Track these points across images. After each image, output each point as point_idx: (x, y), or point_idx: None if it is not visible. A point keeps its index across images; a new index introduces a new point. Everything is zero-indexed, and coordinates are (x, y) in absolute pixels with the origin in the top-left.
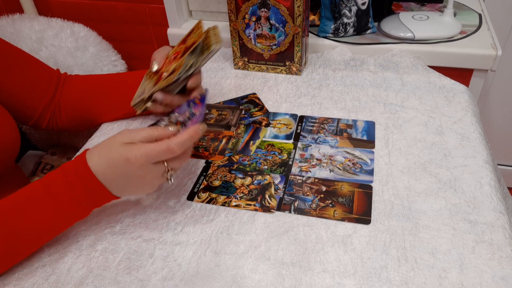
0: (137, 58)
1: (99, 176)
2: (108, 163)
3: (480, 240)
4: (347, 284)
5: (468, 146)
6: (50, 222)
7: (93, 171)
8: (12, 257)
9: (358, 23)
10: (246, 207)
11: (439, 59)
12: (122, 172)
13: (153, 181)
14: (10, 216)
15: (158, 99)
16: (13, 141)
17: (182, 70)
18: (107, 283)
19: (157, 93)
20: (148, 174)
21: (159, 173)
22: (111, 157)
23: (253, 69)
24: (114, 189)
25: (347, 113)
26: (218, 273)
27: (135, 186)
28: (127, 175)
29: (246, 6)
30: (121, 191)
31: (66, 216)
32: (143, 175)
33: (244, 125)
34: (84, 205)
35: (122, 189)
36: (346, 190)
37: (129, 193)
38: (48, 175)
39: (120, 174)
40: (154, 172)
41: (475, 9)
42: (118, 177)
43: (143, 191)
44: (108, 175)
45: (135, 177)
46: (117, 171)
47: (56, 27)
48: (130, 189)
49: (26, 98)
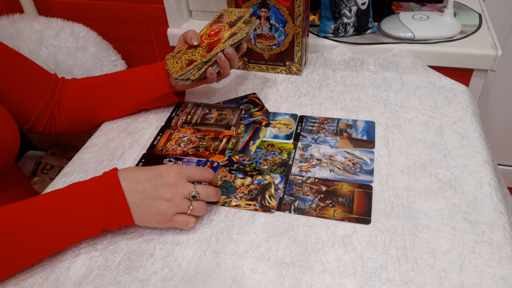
0: (137, 58)
1: (127, 193)
2: (138, 176)
3: (480, 240)
4: (347, 284)
5: (468, 146)
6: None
7: (122, 185)
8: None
9: (358, 23)
10: (246, 207)
11: (439, 59)
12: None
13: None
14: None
15: (229, 51)
16: (12, 141)
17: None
18: (107, 283)
19: (228, 47)
20: (176, 187)
21: (185, 190)
22: (144, 170)
23: (253, 69)
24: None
25: (347, 113)
26: (218, 273)
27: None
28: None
29: (246, 6)
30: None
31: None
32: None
33: (244, 125)
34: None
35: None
36: (346, 190)
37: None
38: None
39: (148, 188)
40: (181, 188)
41: (475, 9)
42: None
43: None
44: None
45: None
46: (146, 184)
47: (56, 27)
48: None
49: (22, 101)
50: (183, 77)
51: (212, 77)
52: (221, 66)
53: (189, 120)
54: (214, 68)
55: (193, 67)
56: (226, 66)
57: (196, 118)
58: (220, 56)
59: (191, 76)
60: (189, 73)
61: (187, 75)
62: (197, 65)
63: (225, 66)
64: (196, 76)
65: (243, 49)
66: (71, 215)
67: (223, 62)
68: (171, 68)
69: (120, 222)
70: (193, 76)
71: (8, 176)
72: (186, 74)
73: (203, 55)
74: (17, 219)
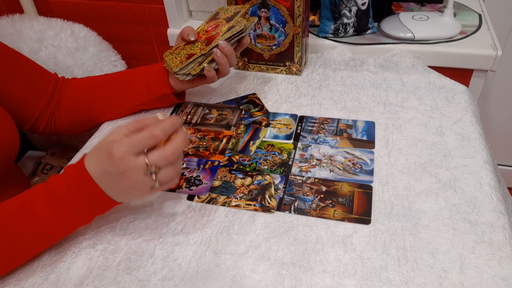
0: (137, 58)
1: (96, 179)
2: (99, 164)
3: (480, 240)
4: (347, 284)
5: (468, 146)
6: (52, 227)
7: (91, 174)
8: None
9: (358, 23)
10: (246, 207)
11: (439, 59)
12: (107, 171)
13: (136, 179)
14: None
15: (222, 45)
16: (12, 142)
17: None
18: (107, 283)
19: (221, 41)
20: (130, 169)
21: (140, 167)
22: (99, 154)
23: (253, 69)
24: (109, 191)
25: (347, 113)
26: (218, 273)
27: (123, 187)
28: (111, 173)
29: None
30: (115, 193)
31: (68, 222)
32: (125, 170)
33: (244, 125)
34: (85, 211)
35: (115, 192)
36: (346, 190)
37: (123, 196)
38: (51, 178)
39: (106, 173)
40: (136, 167)
41: (475, 9)
42: (106, 177)
43: (132, 195)
44: (99, 177)
45: (118, 174)
46: (104, 169)
47: (56, 27)
48: (120, 191)
49: (23, 101)
50: (184, 71)
51: (210, 75)
52: (218, 63)
53: (189, 120)
54: (213, 65)
55: (193, 61)
56: (223, 62)
57: (196, 118)
58: (216, 51)
59: (191, 71)
60: (190, 68)
61: (188, 70)
62: (197, 58)
63: (223, 63)
64: (197, 71)
65: (245, 43)
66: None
67: (220, 58)
68: (170, 63)
69: (106, 206)
70: (193, 71)
71: (8, 176)
72: (187, 68)
73: (202, 48)
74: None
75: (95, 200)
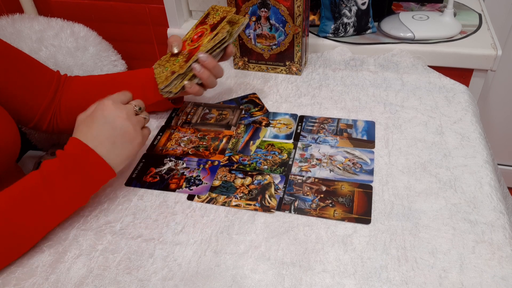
0: (137, 58)
1: (95, 147)
2: (89, 123)
3: (480, 240)
4: (347, 284)
5: (468, 146)
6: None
7: (81, 139)
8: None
9: (358, 23)
10: (246, 207)
11: (439, 59)
12: (103, 123)
13: (131, 118)
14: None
15: (203, 59)
16: (13, 142)
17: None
18: (107, 283)
19: (201, 54)
20: (123, 114)
21: (131, 109)
22: (90, 117)
23: (253, 69)
24: (106, 151)
25: (347, 113)
26: (218, 273)
27: (120, 132)
28: (107, 124)
29: (246, 6)
30: (113, 149)
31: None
32: (119, 115)
33: (244, 125)
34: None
35: (113, 146)
36: (346, 190)
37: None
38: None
39: (104, 128)
40: (127, 109)
41: (475, 9)
42: (103, 131)
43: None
44: (94, 136)
45: (116, 122)
46: (100, 126)
47: (56, 27)
48: (119, 140)
49: (26, 100)
50: (167, 89)
51: (193, 90)
52: (200, 77)
53: (189, 120)
54: (195, 80)
55: (176, 78)
56: (205, 76)
57: (196, 118)
58: (195, 67)
59: (173, 89)
60: (172, 85)
61: (171, 87)
62: (177, 77)
63: (205, 77)
64: (178, 89)
65: (230, 53)
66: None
67: (201, 73)
68: (158, 78)
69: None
70: (175, 89)
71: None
72: (170, 86)
73: (181, 66)
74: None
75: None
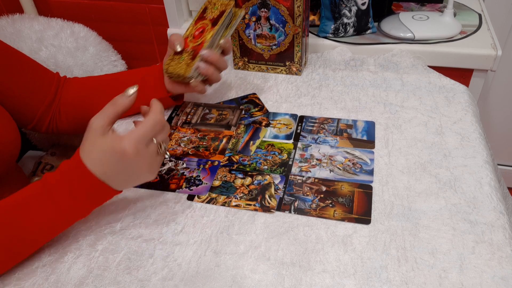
0: (137, 58)
1: (98, 175)
2: (104, 161)
3: (480, 240)
4: (347, 284)
5: (468, 146)
6: (50, 222)
7: (92, 171)
8: (12, 258)
9: (358, 23)
10: (246, 207)
11: (439, 59)
12: (123, 167)
13: (152, 163)
14: (9, 217)
15: (206, 55)
16: (13, 142)
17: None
18: (107, 283)
19: (204, 50)
20: (145, 158)
21: (154, 152)
22: (106, 155)
23: (253, 69)
24: (116, 184)
25: (347, 113)
26: (218, 273)
27: (137, 174)
28: (126, 168)
29: (246, 6)
30: (124, 184)
31: (66, 217)
32: (142, 161)
33: (244, 125)
34: (85, 205)
35: (125, 183)
36: (346, 190)
37: (133, 183)
38: (47, 176)
39: (121, 170)
40: (150, 153)
41: (475, 9)
42: (120, 173)
43: (145, 178)
44: (108, 173)
45: (136, 167)
46: (117, 167)
47: (56, 27)
48: (133, 180)
49: (26, 101)
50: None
51: (198, 89)
52: (205, 74)
53: (189, 120)
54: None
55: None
56: (210, 72)
57: (196, 118)
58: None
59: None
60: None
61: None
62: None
63: (210, 73)
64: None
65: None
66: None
67: (206, 70)
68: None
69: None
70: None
71: (9, 176)
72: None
73: (188, 63)
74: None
75: (95, 193)
